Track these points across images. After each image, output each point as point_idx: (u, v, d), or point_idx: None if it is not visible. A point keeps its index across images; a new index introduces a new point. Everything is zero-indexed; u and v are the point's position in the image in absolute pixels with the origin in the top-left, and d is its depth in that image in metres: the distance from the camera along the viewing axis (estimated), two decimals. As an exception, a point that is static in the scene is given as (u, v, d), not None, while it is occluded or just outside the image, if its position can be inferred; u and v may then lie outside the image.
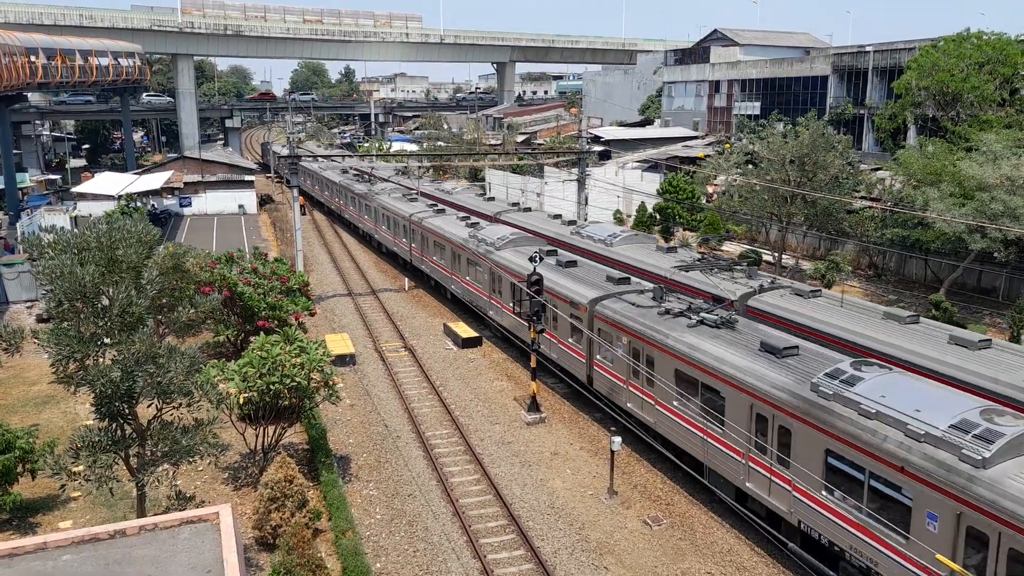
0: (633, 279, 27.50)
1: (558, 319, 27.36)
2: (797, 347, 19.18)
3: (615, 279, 27.14)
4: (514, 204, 50.04)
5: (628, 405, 23.60)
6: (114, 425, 15.76)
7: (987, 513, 12.97)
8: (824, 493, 16.47)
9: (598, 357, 25.32)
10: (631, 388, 23.46)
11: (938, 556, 13.78)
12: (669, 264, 29.72)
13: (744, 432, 18.55)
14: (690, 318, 22.07)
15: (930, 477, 13.88)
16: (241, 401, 19.96)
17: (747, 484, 18.75)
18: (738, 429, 18.77)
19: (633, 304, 24.18)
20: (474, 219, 39.69)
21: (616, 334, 24.00)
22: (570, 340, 26.99)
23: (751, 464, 18.55)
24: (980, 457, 13.36)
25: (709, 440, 19.93)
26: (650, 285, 26.23)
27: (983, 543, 13.15)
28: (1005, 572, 12.77)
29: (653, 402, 22.26)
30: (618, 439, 20.63)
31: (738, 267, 28.10)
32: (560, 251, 32.59)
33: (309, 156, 69.59)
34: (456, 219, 39.92)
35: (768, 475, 18.05)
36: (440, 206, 45.01)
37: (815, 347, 19.72)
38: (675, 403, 21.26)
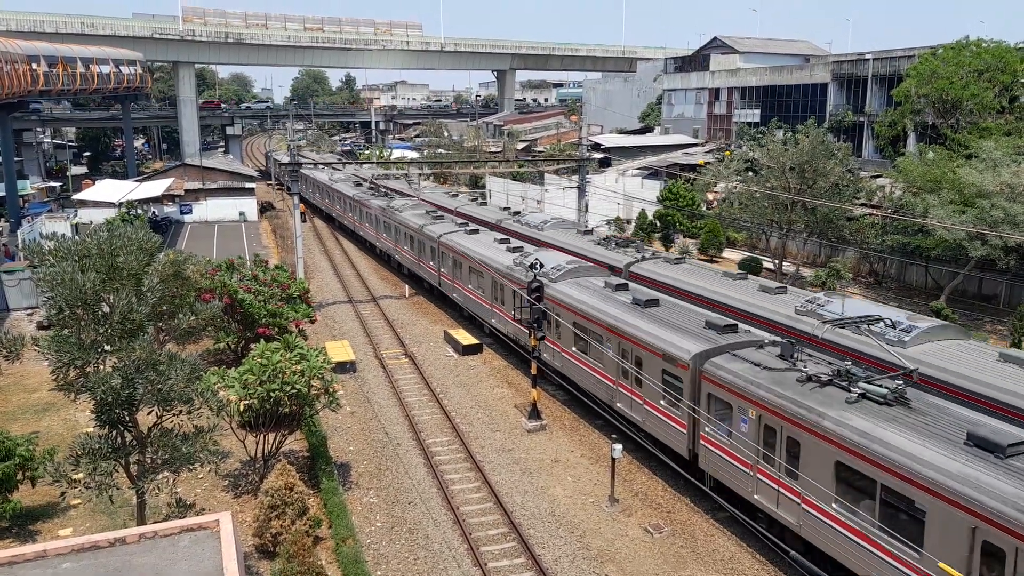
0: (741, 325, 22.17)
1: (643, 373, 22.28)
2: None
3: (719, 326, 21.48)
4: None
5: (757, 497, 18.48)
6: (114, 432, 15.73)
7: None
8: None
9: (708, 430, 19.99)
10: (762, 477, 18.26)
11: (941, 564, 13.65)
12: (585, 242, 36.47)
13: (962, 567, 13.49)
14: (847, 389, 16.96)
15: None
16: (241, 408, 19.93)
17: None
18: (950, 557, 13.75)
19: (757, 364, 18.93)
20: (516, 242, 35.32)
21: (738, 403, 18.72)
22: (661, 403, 21.66)
23: None
24: None
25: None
26: (767, 336, 21.49)
27: None
28: None
29: (798, 500, 17.17)
30: (619, 446, 20.58)
31: (632, 243, 36.13)
32: (633, 284, 27.45)
33: (312, 164, 69.74)
34: (494, 242, 35.57)
35: None
36: (472, 225, 40.53)
37: None
38: (834, 506, 16.22)
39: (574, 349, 26.34)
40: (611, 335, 23.81)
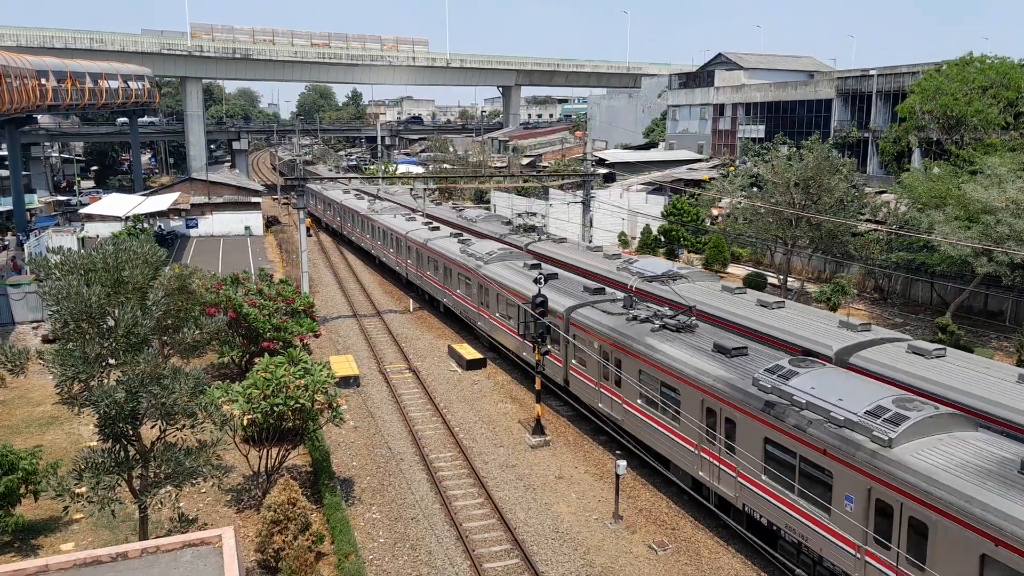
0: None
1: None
2: None
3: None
4: (484, 210, 49.27)
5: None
6: (117, 446, 15.72)
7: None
8: None
9: (573, 361, 25.73)
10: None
11: None
12: (505, 231, 44.71)
13: None
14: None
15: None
16: (245, 423, 19.92)
17: None
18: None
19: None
20: (612, 290, 29.53)
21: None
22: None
23: None
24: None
25: None
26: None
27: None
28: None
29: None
30: (623, 463, 20.50)
31: (535, 229, 44.00)
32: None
33: (327, 180, 70.18)
34: (583, 291, 28.80)
35: None
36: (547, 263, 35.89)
37: None
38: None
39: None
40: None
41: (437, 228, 44.93)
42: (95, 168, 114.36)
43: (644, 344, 22.58)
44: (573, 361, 26.88)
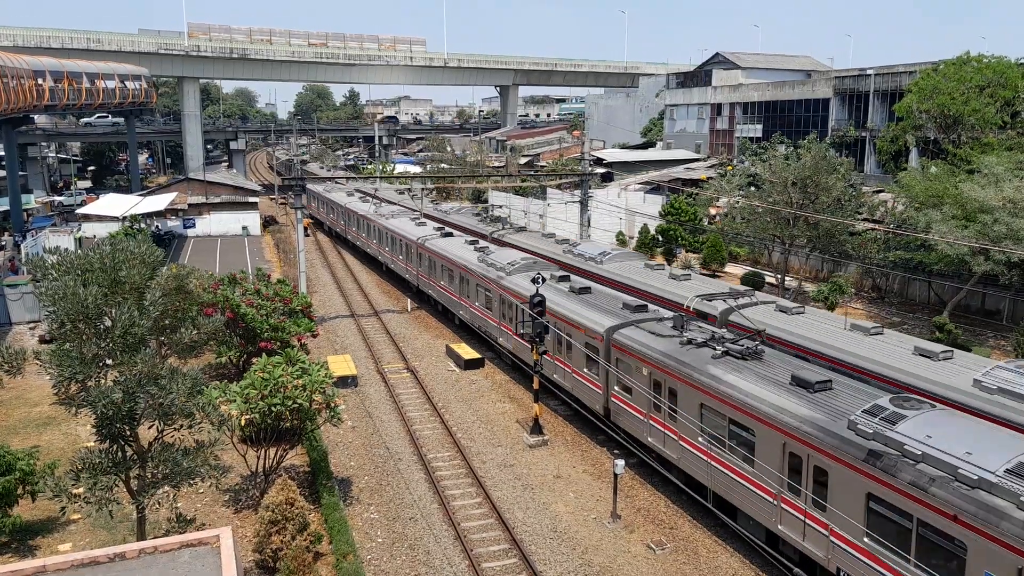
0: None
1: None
2: None
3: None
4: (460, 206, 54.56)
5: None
6: (115, 447, 15.70)
7: None
8: None
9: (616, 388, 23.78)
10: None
11: None
12: (474, 221, 49.78)
13: None
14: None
15: None
16: (243, 423, 19.91)
17: None
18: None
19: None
20: (656, 307, 27.18)
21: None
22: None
23: None
24: None
25: None
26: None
27: None
28: None
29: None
30: (621, 462, 20.50)
31: (499, 219, 49.49)
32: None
33: (327, 181, 69.83)
34: (623, 307, 26.58)
35: None
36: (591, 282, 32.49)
37: None
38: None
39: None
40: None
41: (450, 234, 43.10)
42: (92, 168, 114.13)
43: (706, 374, 19.90)
44: (616, 388, 24.11)
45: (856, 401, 17.07)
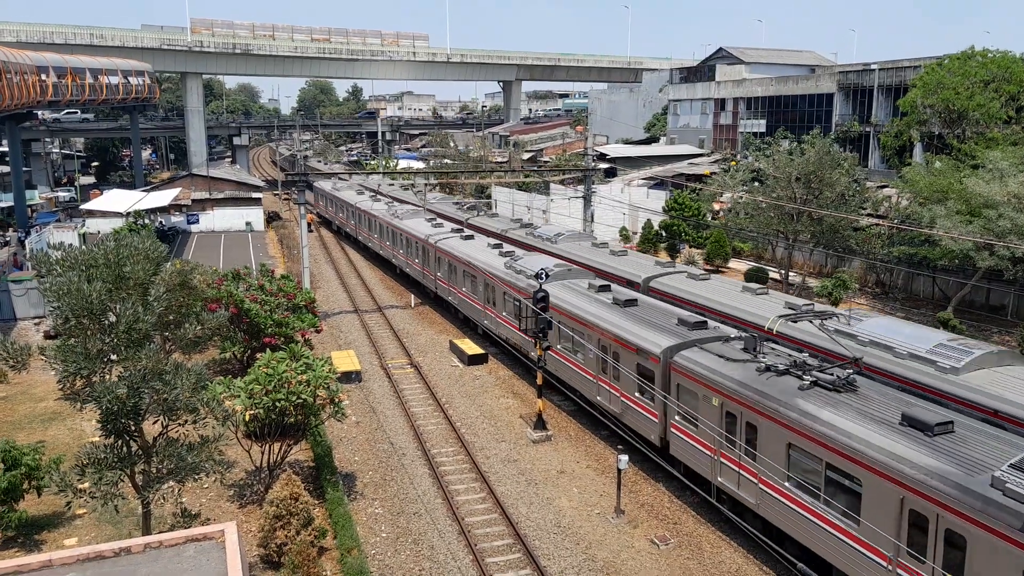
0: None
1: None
2: None
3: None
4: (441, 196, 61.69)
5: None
6: (120, 442, 15.73)
7: None
8: None
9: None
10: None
11: None
12: (454, 209, 53.72)
13: None
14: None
15: None
16: (247, 418, 19.94)
17: None
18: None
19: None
20: (715, 323, 24.40)
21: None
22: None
23: None
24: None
25: None
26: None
27: None
28: None
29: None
30: (625, 457, 20.51)
31: (476, 207, 53.09)
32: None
33: (332, 176, 69.33)
34: (679, 323, 23.85)
35: None
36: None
37: None
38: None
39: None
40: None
41: (472, 236, 40.51)
42: (96, 164, 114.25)
43: (796, 409, 17.16)
44: (676, 418, 21.22)
45: (990, 449, 14.53)
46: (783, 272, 43.23)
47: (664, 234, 53.87)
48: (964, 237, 32.10)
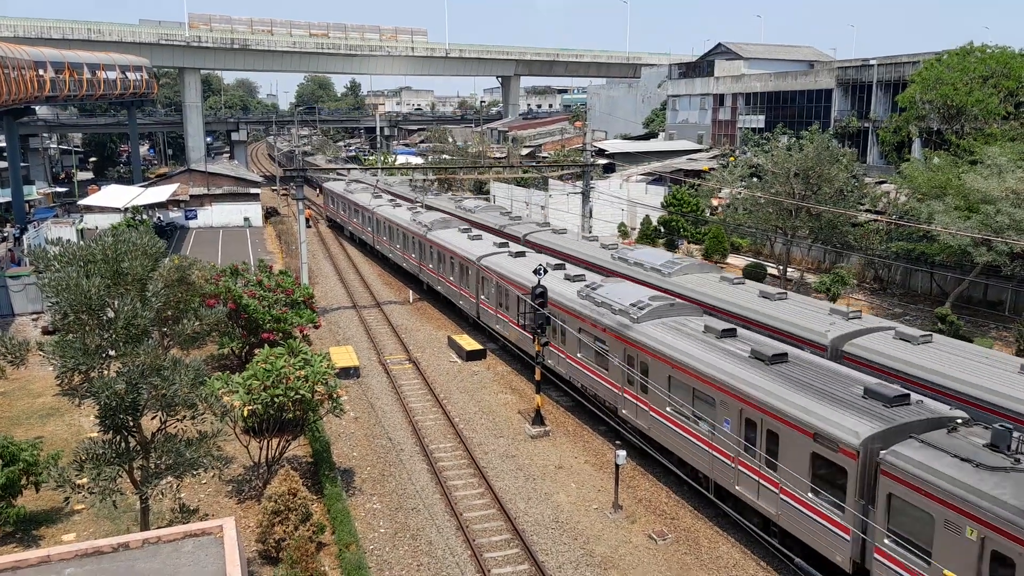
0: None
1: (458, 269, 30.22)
2: None
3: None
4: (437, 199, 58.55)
5: None
6: (118, 437, 15.74)
7: None
8: None
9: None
10: None
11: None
12: (450, 204, 52.88)
13: None
14: None
15: None
16: (245, 414, 19.94)
17: None
18: None
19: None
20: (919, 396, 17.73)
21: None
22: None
23: None
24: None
25: None
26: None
27: None
28: None
29: None
30: (623, 452, 20.53)
31: (431, 190, 56.56)
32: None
33: (335, 171, 68.71)
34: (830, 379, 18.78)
35: None
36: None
37: None
38: None
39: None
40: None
41: (523, 254, 34.24)
42: (94, 159, 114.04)
43: None
44: (886, 542, 15.02)
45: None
46: (781, 268, 43.25)
47: (662, 230, 53.87)
48: (962, 233, 32.12)
